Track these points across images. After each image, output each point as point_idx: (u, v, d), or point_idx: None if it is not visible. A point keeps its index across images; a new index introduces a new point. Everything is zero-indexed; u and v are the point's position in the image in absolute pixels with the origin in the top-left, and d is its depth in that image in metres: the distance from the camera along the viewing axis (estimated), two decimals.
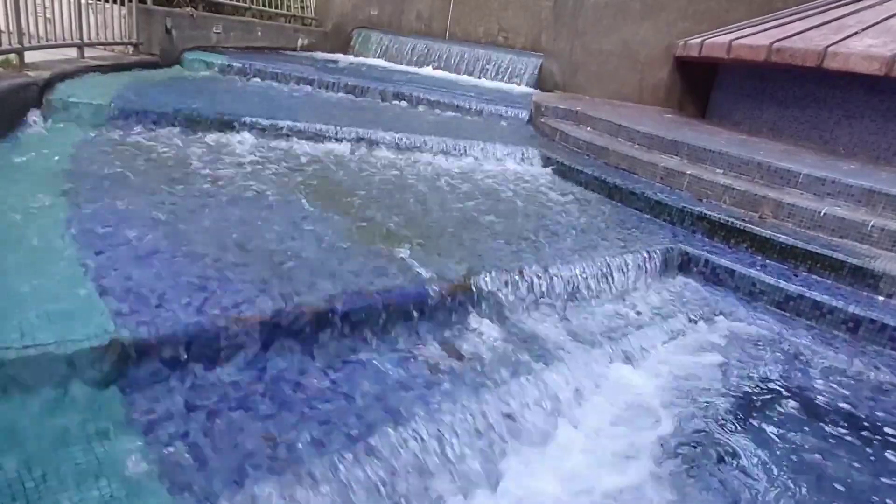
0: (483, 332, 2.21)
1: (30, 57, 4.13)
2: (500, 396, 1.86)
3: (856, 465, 1.89)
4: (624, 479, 1.73)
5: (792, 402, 2.20)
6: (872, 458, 1.94)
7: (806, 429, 2.05)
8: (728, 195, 3.68)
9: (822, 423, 2.09)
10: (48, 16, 4.59)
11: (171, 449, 1.39)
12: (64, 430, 1.38)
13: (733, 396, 2.19)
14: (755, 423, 2.05)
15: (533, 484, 1.68)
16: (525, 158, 4.75)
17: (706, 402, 2.15)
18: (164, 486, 1.28)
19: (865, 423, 2.12)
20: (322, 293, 1.96)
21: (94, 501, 1.23)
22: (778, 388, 2.28)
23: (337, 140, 4.26)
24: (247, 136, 4.01)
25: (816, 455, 1.92)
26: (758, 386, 2.28)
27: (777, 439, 1.97)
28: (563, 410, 1.97)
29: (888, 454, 1.97)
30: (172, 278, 1.91)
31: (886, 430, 2.10)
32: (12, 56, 3.96)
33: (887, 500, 1.75)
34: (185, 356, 1.65)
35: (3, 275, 1.76)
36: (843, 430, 2.07)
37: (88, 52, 5.09)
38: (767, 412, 2.12)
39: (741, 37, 5.38)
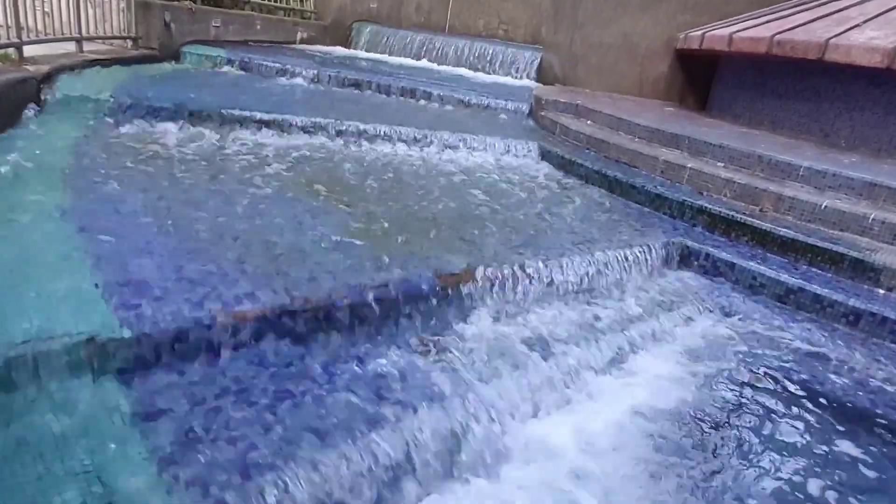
0: (484, 326, 2.22)
1: (28, 51, 4.12)
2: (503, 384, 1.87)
3: (855, 458, 1.90)
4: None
5: (791, 395, 2.20)
6: (871, 451, 1.94)
7: (804, 422, 2.05)
8: (728, 188, 3.67)
9: (820, 417, 2.09)
10: (46, 10, 4.57)
11: (170, 444, 1.39)
12: (63, 426, 1.38)
13: (732, 388, 2.20)
14: (754, 416, 2.06)
15: None
16: (525, 152, 4.74)
17: (705, 392, 2.15)
18: (165, 481, 1.29)
19: (865, 416, 2.12)
20: (322, 287, 1.96)
21: (95, 498, 1.23)
22: (777, 380, 2.28)
23: (336, 134, 4.25)
24: (245, 130, 3.99)
25: (815, 449, 1.92)
26: (757, 378, 2.28)
27: (776, 431, 1.98)
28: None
29: (887, 448, 1.97)
30: (173, 272, 1.91)
31: (886, 423, 2.10)
32: (11, 50, 3.95)
33: (886, 494, 1.76)
34: (186, 350, 1.65)
35: (1, 271, 1.76)
36: (843, 424, 2.07)
37: (87, 47, 5.08)
38: (766, 404, 2.13)
39: (742, 29, 5.36)
